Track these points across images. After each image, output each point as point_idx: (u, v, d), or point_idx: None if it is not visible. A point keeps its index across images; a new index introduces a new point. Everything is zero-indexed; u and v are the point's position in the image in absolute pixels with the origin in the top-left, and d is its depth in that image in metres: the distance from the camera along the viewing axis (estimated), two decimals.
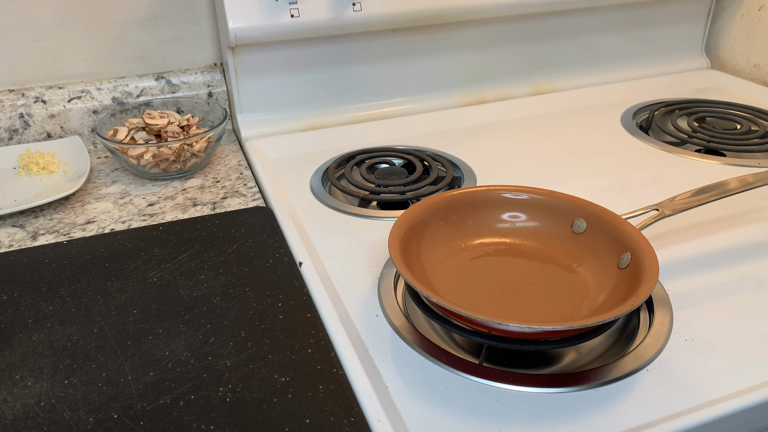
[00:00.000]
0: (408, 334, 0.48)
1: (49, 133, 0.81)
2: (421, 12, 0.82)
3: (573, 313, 0.48)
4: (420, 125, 0.87)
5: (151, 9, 0.82)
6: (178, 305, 0.52)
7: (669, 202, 0.57)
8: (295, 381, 0.44)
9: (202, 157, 0.75)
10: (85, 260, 0.58)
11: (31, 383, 0.44)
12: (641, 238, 0.49)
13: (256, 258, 0.58)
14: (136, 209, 0.68)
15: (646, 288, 0.44)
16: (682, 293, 0.52)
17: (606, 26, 0.97)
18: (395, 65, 0.88)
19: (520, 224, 0.57)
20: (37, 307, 0.52)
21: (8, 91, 0.80)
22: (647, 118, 0.87)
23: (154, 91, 0.85)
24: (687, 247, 0.58)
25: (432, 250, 0.53)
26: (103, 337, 0.49)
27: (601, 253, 0.52)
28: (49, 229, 0.65)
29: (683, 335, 0.48)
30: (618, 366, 0.45)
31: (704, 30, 1.05)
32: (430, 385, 0.44)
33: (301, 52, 0.82)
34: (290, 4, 0.76)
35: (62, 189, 0.68)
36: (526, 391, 0.43)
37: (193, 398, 0.43)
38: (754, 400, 0.42)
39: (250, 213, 0.66)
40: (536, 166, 0.75)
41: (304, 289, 0.53)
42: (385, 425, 0.40)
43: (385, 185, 0.71)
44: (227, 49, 0.79)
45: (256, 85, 0.83)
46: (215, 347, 0.47)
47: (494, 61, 0.93)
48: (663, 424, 0.40)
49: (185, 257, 0.58)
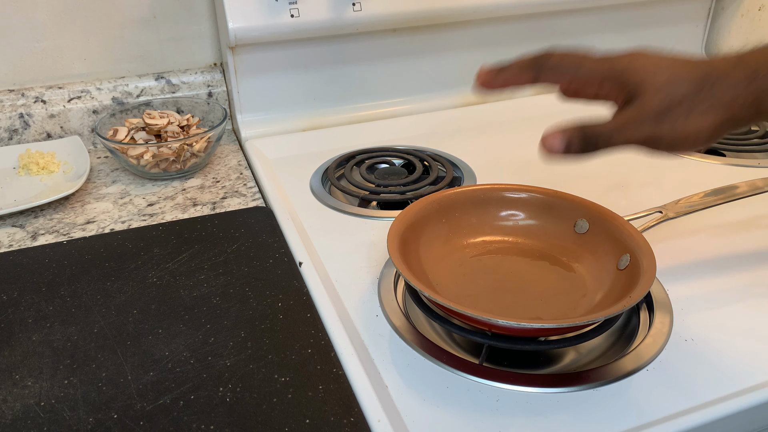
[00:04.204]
0: (408, 334, 0.48)
1: (49, 133, 0.81)
2: (421, 12, 0.82)
3: (570, 312, 0.49)
4: (420, 125, 0.87)
5: (151, 9, 0.82)
6: (178, 305, 0.52)
7: (673, 204, 0.57)
8: (295, 381, 0.44)
9: (202, 157, 0.75)
10: (85, 260, 0.58)
11: (31, 383, 0.44)
12: (642, 240, 0.49)
13: (256, 258, 0.58)
14: (136, 209, 0.68)
15: (641, 289, 0.44)
16: (683, 294, 0.52)
17: (606, 26, 0.97)
18: (395, 65, 0.88)
19: (520, 223, 0.57)
20: (37, 307, 0.52)
21: (8, 91, 0.80)
22: None
23: (154, 91, 0.85)
24: (691, 250, 0.58)
25: (431, 248, 0.53)
26: (103, 337, 0.49)
27: (601, 254, 0.52)
28: (49, 229, 0.65)
29: (683, 335, 0.48)
30: (618, 366, 0.45)
31: (704, 30, 1.05)
32: (430, 385, 0.44)
33: (301, 52, 0.82)
34: (290, 4, 0.76)
35: (62, 189, 0.68)
36: (526, 391, 0.43)
37: (193, 398, 0.43)
38: (754, 401, 0.42)
39: (250, 213, 0.66)
40: (536, 165, 0.75)
41: (304, 289, 0.53)
42: (385, 425, 0.40)
43: (385, 185, 0.71)
44: (227, 49, 0.79)
45: (256, 85, 0.83)
46: (215, 347, 0.47)
47: (494, 61, 0.93)
48: (663, 424, 0.40)
49: (185, 257, 0.58)
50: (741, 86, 0.40)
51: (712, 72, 0.41)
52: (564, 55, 0.45)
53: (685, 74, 0.41)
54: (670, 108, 0.41)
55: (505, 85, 0.47)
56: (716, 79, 0.41)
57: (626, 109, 0.42)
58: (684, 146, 0.42)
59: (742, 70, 0.40)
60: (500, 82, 0.47)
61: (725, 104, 0.40)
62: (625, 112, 0.42)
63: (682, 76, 0.41)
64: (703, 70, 0.41)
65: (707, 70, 0.41)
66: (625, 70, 0.43)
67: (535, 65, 0.45)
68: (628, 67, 0.43)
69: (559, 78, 0.45)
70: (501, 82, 0.47)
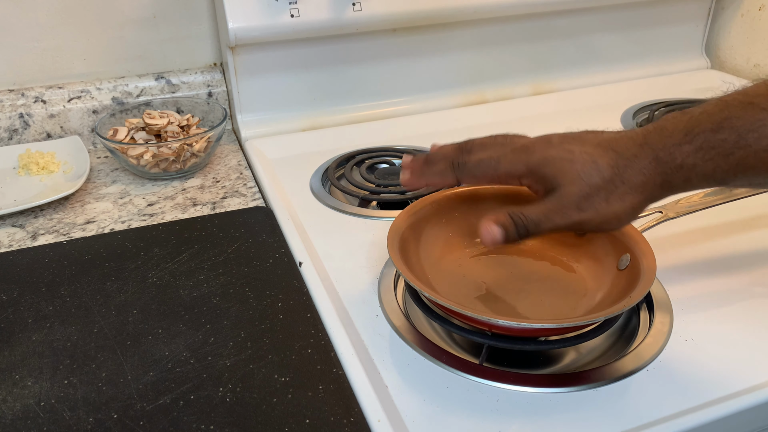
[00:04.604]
0: (408, 334, 0.48)
1: (48, 133, 0.81)
2: (421, 12, 0.82)
3: (570, 312, 0.49)
4: (420, 125, 0.87)
5: (151, 9, 0.82)
6: (177, 305, 0.52)
7: (673, 204, 0.57)
8: (295, 381, 0.44)
9: (202, 157, 0.75)
10: (85, 260, 0.58)
11: (31, 383, 0.44)
12: (642, 240, 0.49)
13: (256, 258, 0.58)
14: (135, 209, 0.68)
15: (641, 289, 0.44)
16: (683, 294, 0.52)
17: (606, 26, 0.97)
18: (395, 65, 0.88)
19: None
20: (37, 307, 0.52)
21: (8, 91, 0.80)
22: (647, 118, 0.87)
23: (154, 91, 0.85)
24: (691, 250, 0.58)
25: (431, 248, 0.53)
26: (102, 337, 0.49)
27: (601, 254, 0.52)
28: (48, 229, 0.65)
29: (683, 335, 0.48)
30: (618, 366, 0.45)
31: (704, 30, 1.05)
32: (430, 385, 0.44)
33: (301, 52, 0.82)
34: (290, 4, 0.76)
35: (62, 189, 0.68)
36: (526, 391, 0.43)
37: (193, 398, 0.43)
38: (754, 401, 0.42)
39: (250, 213, 0.66)
40: None
41: (304, 289, 0.53)
42: (385, 425, 0.40)
43: (385, 185, 0.71)
44: (227, 49, 0.79)
45: (256, 85, 0.83)
46: (215, 347, 0.47)
47: (494, 61, 0.93)
48: (663, 424, 0.40)
49: (185, 257, 0.58)
50: (649, 171, 0.42)
51: (620, 157, 0.43)
52: (480, 159, 0.47)
53: (597, 161, 0.43)
54: (589, 195, 0.43)
55: (428, 185, 0.50)
56: (625, 165, 0.42)
57: (549, 199, 0.44)
58: (610, 227, 0.44)
59: (646, 155, 0.42)
60: (424, 183, 0.50)
61: (638, 187, 0.42)
62: (548, 202, 0.44)
63: (594, 164, 0.43)
64: (612, 157, 0.43)
65: (616, 155, 0.43)
66: (539, 165, 0.45)
67: (456, 169, 0.48)
68: (542, 161, 0.45)
69: (480, 180, 0.48)
70: (424, 183, 0.50)
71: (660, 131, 0.43)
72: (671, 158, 0.41)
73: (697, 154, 0.41)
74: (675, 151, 0.41)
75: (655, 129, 0.43)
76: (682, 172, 0.41)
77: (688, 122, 0.42)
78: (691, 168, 0.41)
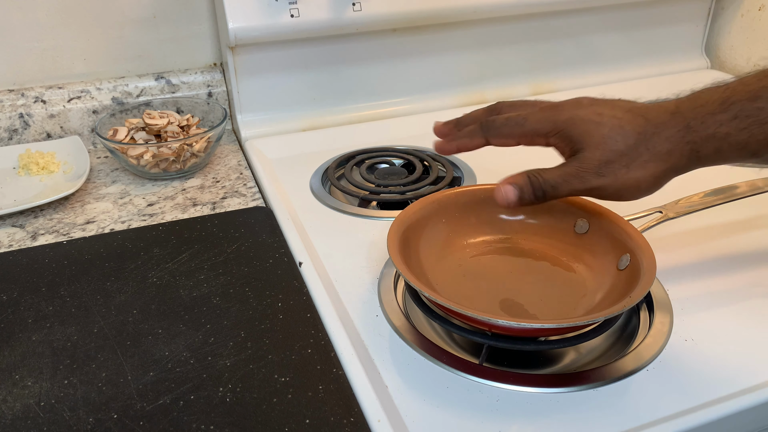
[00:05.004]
0: (408, 334, 0.48)
1: (48, 133, 0.81)
2: (421, 12, 0.82)
3: (570, 312, 0.49)
4: (420, 125, 0.86)
5: (151, 9, 0.82)
6: (177, 305, 0.52)
7: (673, 204, 0.57)
8: (294, 381, 0.44)
9: (202, 157, 0.75)
10: (85, 260, 0.58)
11: (31, 383, 0.44)
12: (642, 240, 0.49)
13: (256, 258, 0.58)
14: (135, 209, 0.68)
15: (641, 289, 0.43)
16: (683, 295, 0.52)
17: (606, 26, 0.97)
18: (395, 65, 0.88)
19: (521, 222, 0.56)
20: (37, 307, 0.52)
21: (8, 91, 0.80)
22: None
23: (154, 91, 0.85)
24: (691, 250, 0.58)
25: (431, 248, 0.53)
26: (102, 337, 0.49)
27: (601, 254, 0.52)
28: (48, 229, 0.65)
29: (683, 335, 0.48)
30: (618, 366, 0.45)
31: (704, 30, 1.05)
32: (430, 385, 0.44)
33: (300, 52, 0.82)
34: (290, 4, 0.76)
35: (62, 189, 0.68)
36: (526, 391, 0.43)
37: (193, 398, 0.43)
38: (754, 401, 0.42)
39: (250, 213, 0.66)
40: (536, 166, 0.75)
41: (304, 289, 0.53)
42: (384, 425, 0.40)
43: (385, 185, 0.71)
44: (227, 49, 0.79)
45: (256, 85, 0.83)
46: (215, 347, 0.47)
47: (494, 61, 0.93)
48: (663, 424, 0.40)
49: (185, 257, 0.58)
50: (676, 139, 0.42)
51: (649, 124, 0.42)
52: (507, 117, 0.47)
53: (624, 127, 0.42)
54: (610, 161, 0.42)
55: (459, 150, 0.50)
56: (653, 132, 0.42)
57: (571, 162, 0.44)
58: (628, 195, 0.44)
59: (677, 123, 0.42)
60: (455, 147, 0.50)
61: (663, 156, 0.42)
62: (569, 165, 0.44)
63: (621, 129, 0.42)
64: (640, 123, 0.42)
65: (644, 122, 0.43)
66: (566, 124, 0.44)
67: (483, 128, 0.48)
68: (569, 120, 0.44)
69: (508, 139, 0.48)
70: (455, 147, 0.50)
71: (694, 100, 0.42)
72: (703, 127, 0.40)
73: (732, 123, 0.40)
74: (708, 119, 0.40)
75: (689, 98, 0.43)
76: (714, 142, 0.41)
77: (724, 92, 0.41)
78: (723, 138, 0.40)
